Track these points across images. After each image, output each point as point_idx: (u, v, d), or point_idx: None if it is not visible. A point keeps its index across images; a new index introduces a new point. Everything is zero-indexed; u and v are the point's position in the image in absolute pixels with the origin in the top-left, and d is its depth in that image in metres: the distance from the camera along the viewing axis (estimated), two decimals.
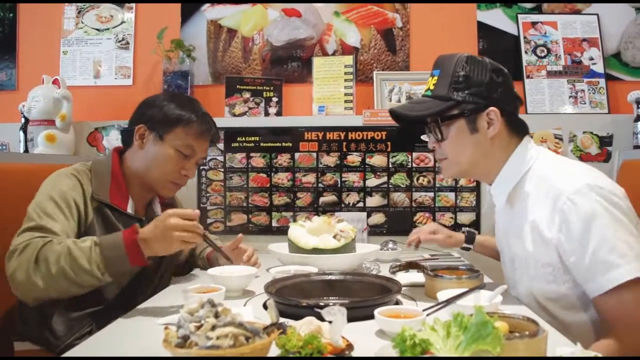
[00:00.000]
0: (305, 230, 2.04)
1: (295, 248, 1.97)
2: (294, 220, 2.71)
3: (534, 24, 2.89)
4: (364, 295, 1.48)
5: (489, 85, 1.49)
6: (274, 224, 2.80)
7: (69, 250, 1.37)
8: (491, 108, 1.49)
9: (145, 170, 1.75)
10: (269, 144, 2.80)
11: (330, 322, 0.96)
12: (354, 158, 2.75)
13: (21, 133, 2.75)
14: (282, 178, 2.79)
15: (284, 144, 2.78)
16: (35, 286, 1.38)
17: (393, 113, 1.65)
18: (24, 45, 3.17)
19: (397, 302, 1.46)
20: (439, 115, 1.52)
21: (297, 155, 2.78)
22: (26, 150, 2.73)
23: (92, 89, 3.09)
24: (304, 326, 1.00)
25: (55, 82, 2.76)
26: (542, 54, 2.86)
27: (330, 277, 1.62)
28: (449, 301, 1.29)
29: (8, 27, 3.19)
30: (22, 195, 1.62)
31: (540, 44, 2.87)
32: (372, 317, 1.19)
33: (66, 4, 3.16)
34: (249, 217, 2.81)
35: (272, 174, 2.79)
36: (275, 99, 2.89)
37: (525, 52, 2.85)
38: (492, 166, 1.56)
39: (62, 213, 1.55)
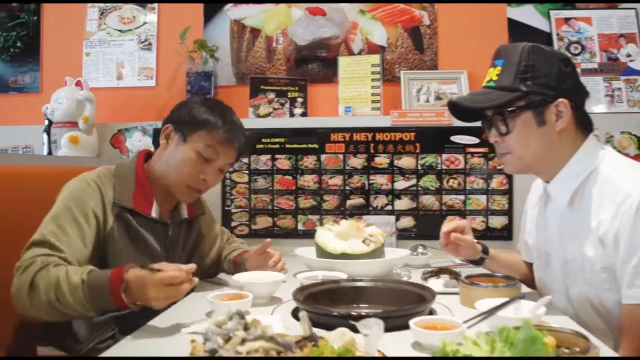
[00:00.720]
0: (333, 235, 2.00)
1: (323, 253, 1.94)
2: (321, 224, 2.66)
3: (567, 20, 2.82)
4: (397, 304, 1.44)
5: (557, 75, 1.43)
6: (300, 227, 2.76)
7: (57, 283, 1.34)
8: (560, 99, 1.42)
9: (164, 171, 1.71)
10: (295, 146, 2.76)
11: (366, 334, 0.92)
12: (381, 160, 2.70)
13: (45, 135, 2.75)
14: (308, 180, 2.75)
15: (309, 146, 2.74)
16: (31, 309, 1.37)
17: (452, 104, 1.59)
18: (47, 48, 3.18)
19: (432, 312, 1.42)
20: (505, 106, 1.46)
21: (323, 157, 2.74)
22: (50, 153, 2.73)
23: (114, 90, 3.08)
24: (337, 338, 0.96)
25: (78, 83, 2.76)
26: (576, 51, 2.79)
27: (360, 283, 1.58)
28: (489, 312, 1.23)
29: (32, 30, 3.20)
30: (46, 197, 1.60)
31: (574, 41, 2.80)
32: (406, 327, 1.14)
33: (89, 4, 3.15)
34: (274, 220, 2.78)
35: (298, 176, 2.75)
36: (300, 100, 2.86)
37: (558, 50, 2.77)
38: (556, 162, 1.49)
39: (77, 224, 1.52)
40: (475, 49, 2.79)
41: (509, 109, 1.45)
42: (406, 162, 2.69)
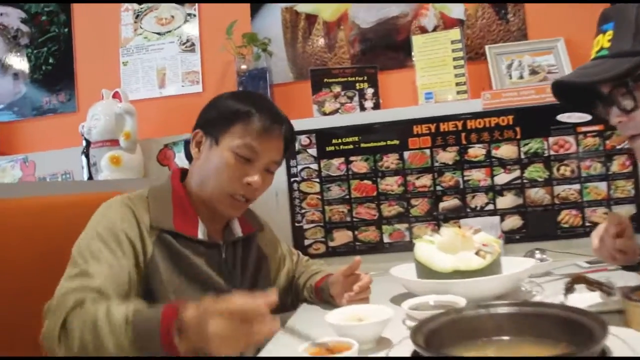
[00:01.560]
0: (436, 248, 1.70)
1: (427, 272, 1.63)
2: (411, 234, 2.39)
3: None
4: (552, 336, 1.10)
5: None
6: (386, 239, 2.45)
7: (95, 324, 1.13)
8: None
9: (202, 184, 1.52)
10: (371, 144, 2.45)
11: None
12: (476, 151, 2.37)
13: (83, 158, 2.56)
14: (390, 183, 2.44)
15: (389, 143, 2.43)
16: (61, 353, 1.18)
17: (558, 86, 1.31)
18: (81, 61, 3.04)
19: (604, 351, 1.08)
20: (627, 75, 1.16)
21: (406, 154, 2.42)
22: (90, 177, 2.54)
23: (157, 100, 2.89)
24: None
25: (115, 95, 2.56)
26: None
27: (493, 310, 1.23)
28: None
29: (64, 43, 3.07)
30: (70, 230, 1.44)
31: None
32: None
33: (122, 7, 2.98)
34: (355, 234, 2.48)
35: (379, 179, 2.44)
36: (370, 90, 2.55)
37: None
38: None
39: (111, 251, 1.33)
40: (571, 11, 2.47)
41: (634, 78, 1.16)
42: (506, 151, 2.35)
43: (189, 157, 1.63)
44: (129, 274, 1.34)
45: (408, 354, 1.11)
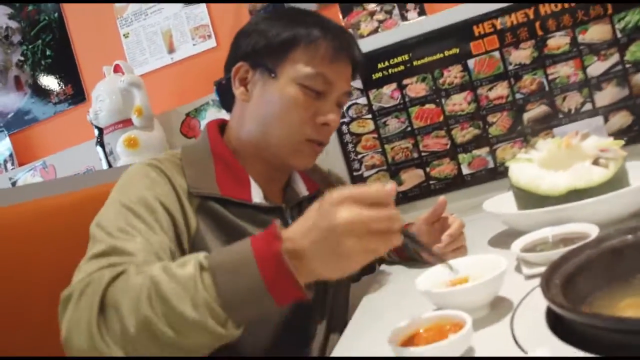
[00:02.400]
0: (537, 166, 1.38)
1: (534, 199, 1.31)
2: (495, 159, 2.05)
3: None
4: None
5: None
6: (465, 170, 2.11)
7: (155, 286, 0.82)
8: None
9: (259, 132, 1.25)
10: (425, 60, 2.09)
11: None
12: (558, 41, 1.98)
13: (98, 149, 2.36)
14: (458, 102, 2.08)
15: (446, 54, 2.07)
16: (105, 349, 0.81)
17: None
18: (80, 44, 2.82)
19: None
20: None
21: (471, 63, 2.06)
22: (110, 167, 2.34)
23: (170, 68, 2.63)
24: None
25: (116, 69, 2.33)
26: None
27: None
28: None
29: (58, 30, 2.84)
30: None
31: None
32: None
33: None
34: (427, 172, 2.15)
35: (443, 100, 2.09)
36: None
37: None
38: None
39: (145, 224, 1.03)
40: None
41: None
42: (596, 33, 1.95)
43: (226, 103, 1.35)
44: (172, 253, 1.04)
45: (538, 316, 0.80)
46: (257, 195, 1.23)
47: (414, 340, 0.84)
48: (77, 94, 2.81)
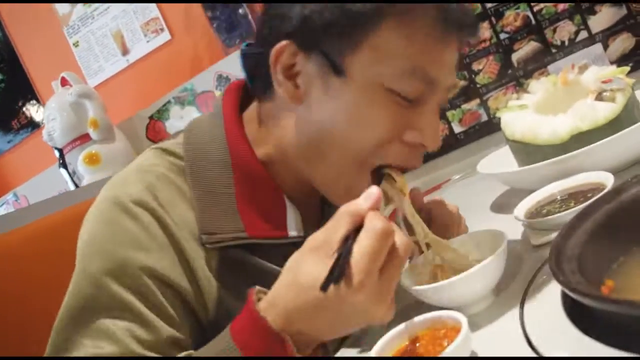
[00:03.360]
0: (533, 112, 1.23)
1: (535, 150, 1.16)
2: (488, 110, 1.92)
3: None
4: None
5: None
6: (457, 129, 1.99)
7: None
8: None
9: (311, 154, 0.87)
10: None
11: None
12: None
13: (62, 171, 2.28)
14: None
15: None
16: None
17: None
18: (31, 63, 2.77)
19: None
20: None
21: None
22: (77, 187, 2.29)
23: (127, 71, 2.56)
24: None
25: (63, 82, 2.25)
26: None
27: None
28: None
29: (5, 51, 2.75)
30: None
31: None
32: None
33: None
34: None
35: None
36: None
37: None
38: None
39: (136, 319, 0.79)
40: None
41: None
42: None
43: (257, 86, 0.92)
44: (181, 342, 0.81)
45: (554, 301, 0.67)
46: (293, 224, 0.91)
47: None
48: (37, 116, 2.74)
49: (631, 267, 0.66)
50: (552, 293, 0.68)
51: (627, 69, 1.18)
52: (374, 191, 0.68)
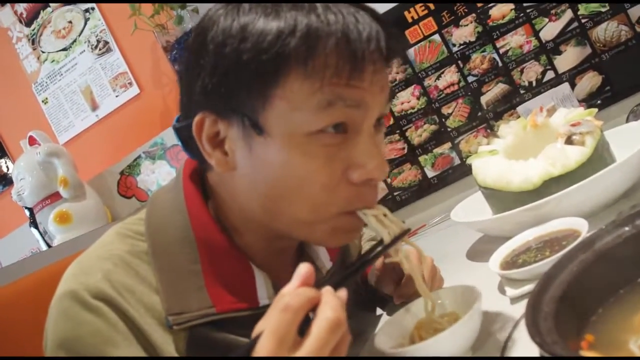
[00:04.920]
0: (503, 157, 1.22)
1: (508, 197, 1.15)
2: (460, 153, 1.90)
3: None
4: None
5: None
6: (430, 173, 1.97)
7: None
8: None
9: (267, 215, 0.83)
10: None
11: None
12: (501, 9, 1.84)
13: (33, 230, 2.24)
14: (406, 99, 1.94)
15: None
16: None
17: None
18: (0, 122, 2.68)
19: None
20: None
21: (410, 53, 1.93)
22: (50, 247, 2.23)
23: (96, 126, 2.50)
24: None
25: (31, 141, 2.22)
26: None
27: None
28: None
29: None
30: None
31: None
32: None
33: (14, 39, 2.57)
34: (389, 183, 2.01)
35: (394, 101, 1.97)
36: None
37: None
38: None
39: None
40: None
41: None
42: None
43: (196, 154, 0.84)
44: None
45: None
46: (264, 292, 0.87)
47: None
48: (6, 177, 2.66)
49: (610, 318, 0.64)
50: (530, 349, 0.64)
51: (595, 110, 1.17)
52: (301, 271, 0.65)
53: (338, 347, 0.62)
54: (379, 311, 1.20)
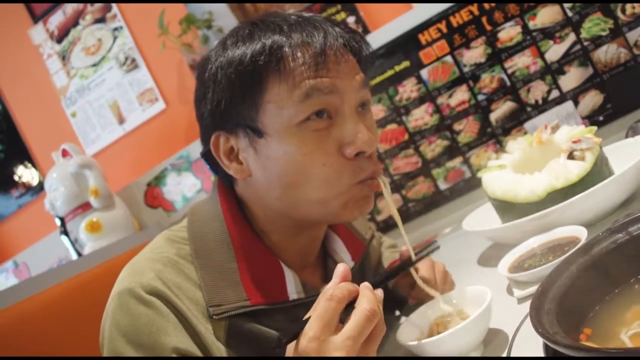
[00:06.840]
0: (511, 170, 1.29)
1: (515, 208, 1.21)
2: (471, 167, 1.94)
3: None
4: None
5: None
6: (443, 186, 2.00)
7: None
8: None
9: (289, 205, 0.95)
10: (377, 80, 1.99)
11: None
12: (509, 32, 1.88)
13: (63, 238, 2.24)
14: (420, 116, 1.98)
15: (397, 69, 1.97)
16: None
17: None
18: (30, 134, 2.76)
19: None
20: None
21: (424, 73, 1.96)
22: (80, 255, 2.23)
23: (123, 139, 2.56)
24: None
25: (64, 153, 2.24)
26: None
27: (636, 229, 0.79)
28: None
29: (5, 123, 2.75)
30: (87, 316, 1.11)
31: None
32: None
33: (45, 56, 2.64)
34: (403, 195, 2.04)
35: (404, 117, 2.00)
36: (352, 19, 2.11)
37: None
38: None
39: None
40: None
41: None
42: (546, 15, 1.85)
43: (222, 174, 1.01)
44: None
45: (538, 349, 0.72)
46: (293, 287, 0.98)
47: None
48: (36, 185, 2.74)
49: (606, 314, 0.70)
50: (535, 343, 0.72)
51: (595, 128, 1.24)
52: (340, 270, 0.77)
53: (373, 335, 0.73)
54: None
